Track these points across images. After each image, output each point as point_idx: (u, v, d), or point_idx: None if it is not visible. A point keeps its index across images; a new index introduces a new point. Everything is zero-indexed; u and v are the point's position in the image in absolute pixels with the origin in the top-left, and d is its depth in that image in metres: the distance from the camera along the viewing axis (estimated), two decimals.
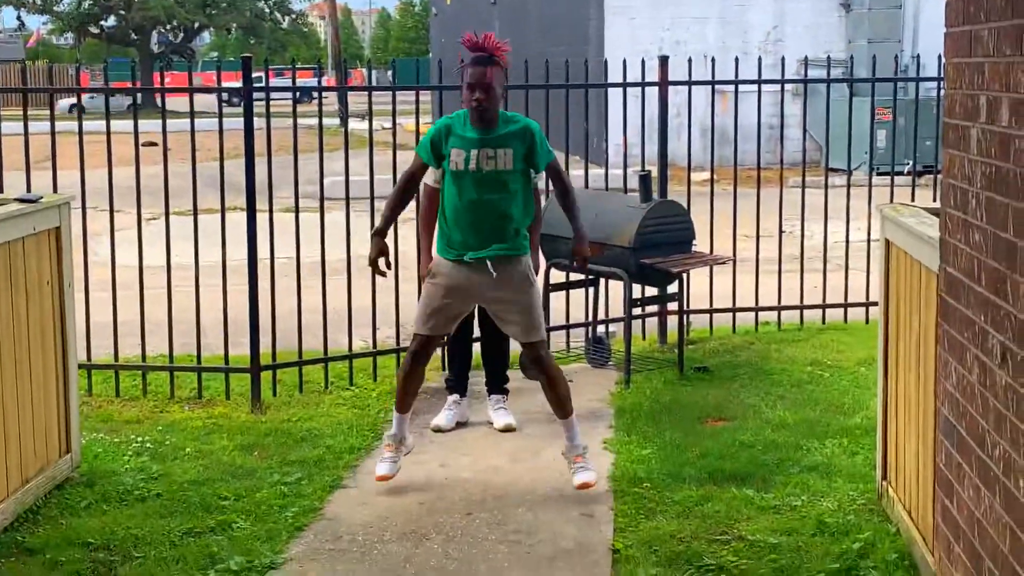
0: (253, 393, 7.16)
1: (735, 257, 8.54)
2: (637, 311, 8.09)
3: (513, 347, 6.54)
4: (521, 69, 8.25)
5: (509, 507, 5.45)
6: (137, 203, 7.37)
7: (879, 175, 12.75)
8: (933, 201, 8.44)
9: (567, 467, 5.69)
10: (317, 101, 7.85)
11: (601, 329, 8.24)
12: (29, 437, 5.32)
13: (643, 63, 8.53)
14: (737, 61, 8.67)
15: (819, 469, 5.76)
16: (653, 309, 8.50)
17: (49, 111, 7.15)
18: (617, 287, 7.87)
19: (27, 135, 7.07)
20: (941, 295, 4.09)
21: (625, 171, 8.52)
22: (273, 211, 7.40)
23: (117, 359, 7.45)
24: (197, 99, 7.63)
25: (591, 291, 8.15)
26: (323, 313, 7.51)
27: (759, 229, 8.87)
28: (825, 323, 9.02)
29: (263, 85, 7.63)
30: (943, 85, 4.19)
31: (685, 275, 7.88)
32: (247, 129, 7.16)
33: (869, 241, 8.64)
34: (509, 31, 30.71)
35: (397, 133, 8.30)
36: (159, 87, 7.67)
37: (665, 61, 8.52)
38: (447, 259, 5.63)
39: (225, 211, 7.30)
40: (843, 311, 9.08)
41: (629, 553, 4.86)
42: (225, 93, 7.89)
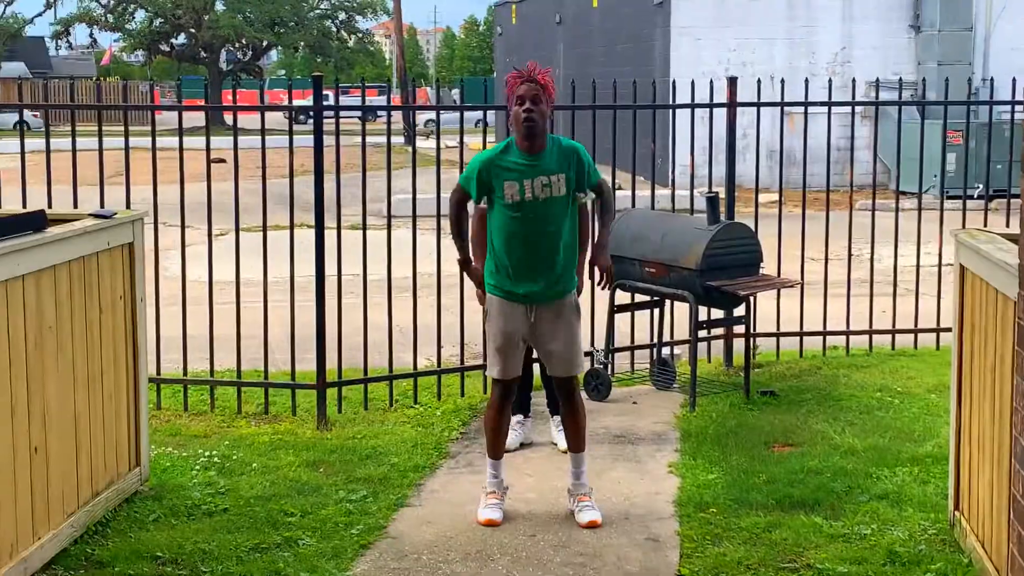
0: (319, 410, 7.20)
1: (803, 280, 8.46)
2: (703, 333, 8.03)
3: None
4: (588, 89, 8.25)
5: (573, 529, 5.42)
6: (208, 219, 7.46)
7: (949, 199, 12.59)
8: (1006, 226, 8.39)
9: (571, 503, 5.57)
10: (385, 120, 7.89)
11: (667, 351, 8.19)
12: (100, 450, 5.38)
13: (711, 84, 8.49)
14: (807, 82, 8.61)
15: (889, 497, 5.67)
16: (719, 332, 8.43)
17: (123, 128, 7.26)
18: (683, 309, 7.82)
19: (101, 151, 7.19)
20: (1019, 322, 4.01)
21: (692, 192, 8.47)
22: (341, 228, 7.45)
23: (186, 373, 7.53)
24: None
25: (656, 313, 8.11)
26: (388, 331, 7.54)
27: (827, 252, 8.79)
28: (895, 348, 8.91)
29: (332, 103, 7.69)
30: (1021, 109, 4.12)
31: (752, 298, 7.82)
32: (316, 147, 7.22)
33: (940, 266, 8.53)
34: (573, 51, 30.75)
35: (464, 152, 8.32)
36: (231, 105, 7.77)
37: (734, 82, 8.47)
38: (497, 296, 5.55)
39: (294, 228, 7.36)
40: (913, 336, 8.96)
41: None
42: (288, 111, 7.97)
